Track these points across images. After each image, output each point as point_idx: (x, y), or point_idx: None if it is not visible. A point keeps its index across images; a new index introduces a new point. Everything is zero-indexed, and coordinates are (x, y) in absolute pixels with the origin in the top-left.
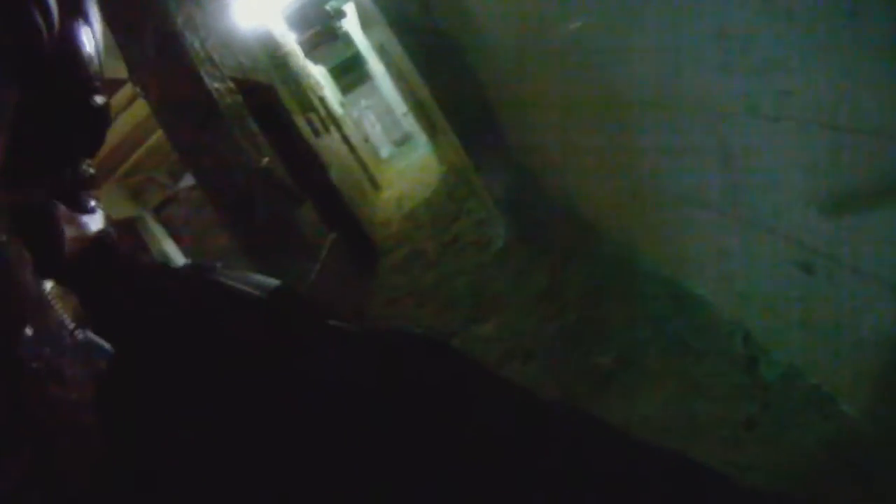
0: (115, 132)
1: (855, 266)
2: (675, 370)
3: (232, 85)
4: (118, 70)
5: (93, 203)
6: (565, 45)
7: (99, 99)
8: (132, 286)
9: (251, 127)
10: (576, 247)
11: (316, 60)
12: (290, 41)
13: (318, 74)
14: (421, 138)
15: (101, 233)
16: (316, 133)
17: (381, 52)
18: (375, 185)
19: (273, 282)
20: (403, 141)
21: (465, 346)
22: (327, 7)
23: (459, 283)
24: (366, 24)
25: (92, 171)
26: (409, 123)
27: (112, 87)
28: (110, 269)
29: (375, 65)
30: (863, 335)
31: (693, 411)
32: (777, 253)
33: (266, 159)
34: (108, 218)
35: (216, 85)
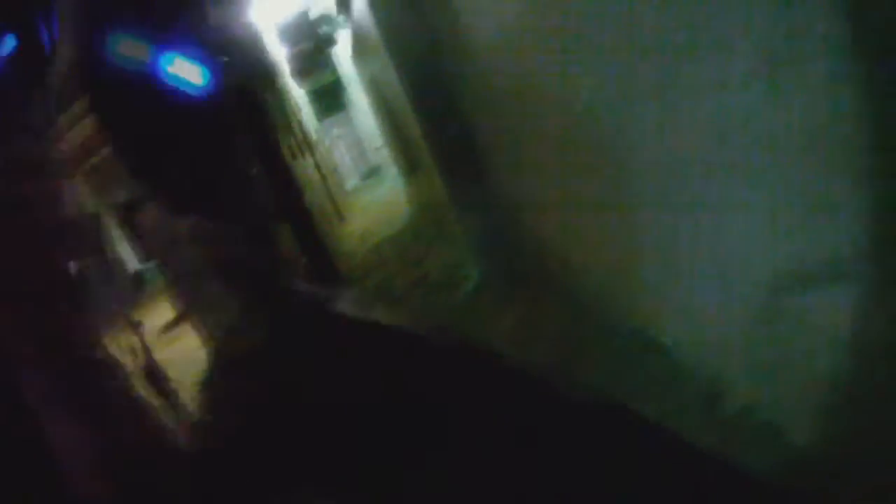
0: (87, 125)
1: (803, 319)
2: (642, 409)
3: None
4: None
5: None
6: (561, 97)
7: None
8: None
9: (243, 136)
10: (547, 292)
11: (300, 80)
12: (279, 55)
13: (300, 95)
14: (389, 175)
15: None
16: (293, 156)
17: (371, 83)
18: (340, 215)
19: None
20: (370, 175)
21: None
22: (320, 31)
23: (427, 323)
24: (359, 53)
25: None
26: (379, 158)
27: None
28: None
29: (355, 95)
30: (807, 377)
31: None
32: (738, 304)
33: (255, 170)
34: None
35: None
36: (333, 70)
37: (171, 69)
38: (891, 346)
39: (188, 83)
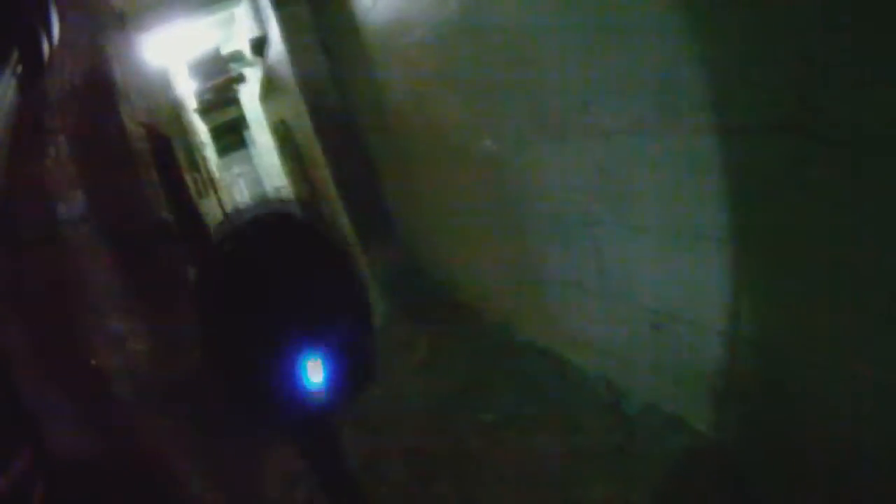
0: None
1: (692, 320)
2: (553, 419)
3: (142, 130)
4: None
5: None
6: (463, 143)
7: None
8: None
9: (153, 177)
10: (457, 323)
11: (205, 117)
12: (186, 92)
13: (204, 132)
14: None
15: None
16: (199, 194)
17: (279, 124)
18: None
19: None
20: None
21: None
22: (231, 68)
23: None
24: (268, 93)
25: None
26: (279, 196)
27: None
28: None
29: (257, 133)
30: (700, 369)
31: (574, 446)
32: (632, 318)
33: (166, 214)
34: None
35: (132, 126)
36: (238, 108)
37: None
38: (757, 342)
39: None
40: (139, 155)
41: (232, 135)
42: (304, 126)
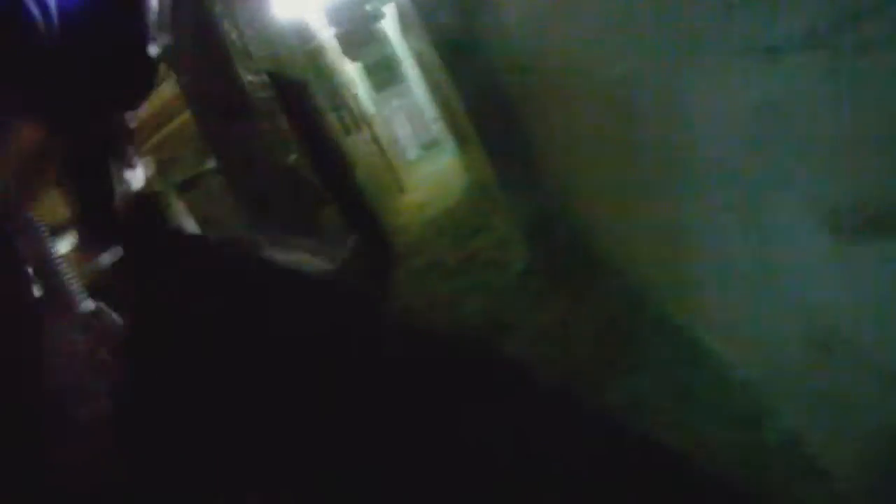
0: (146, 107)
1: (872, 357)
2: (679, 420)
3: (266, 79)
4: None
5: (135, 158)
6: (614, 82)
7: (152, 49)
8: (174, 247)
9: (281, 123)
10: (595, 281)
11: (351, 57)
12: (327, 35)
13: (353, 71)
14: (448, 144)
15: (143, 195)
16: (346, 131)
17: (419, 57)
18: (400, 187)
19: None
20: (431, 145)
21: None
22: (367, 7)
23: (475, 301)
24: (405, 28)
25: (134, 124)
26: (439, 129)
27: None
28: (154, 227)
29: (410, 67)
30: (868, 420)
31: (691, 469)
32: (797, 327)
33: (293, 157)
34: (147, 175)
35: (250, 78)
36: (385, 44)
37: None
38: None
39: None
40: (260, 104)
41: (385, 71)
42: (432, 54)
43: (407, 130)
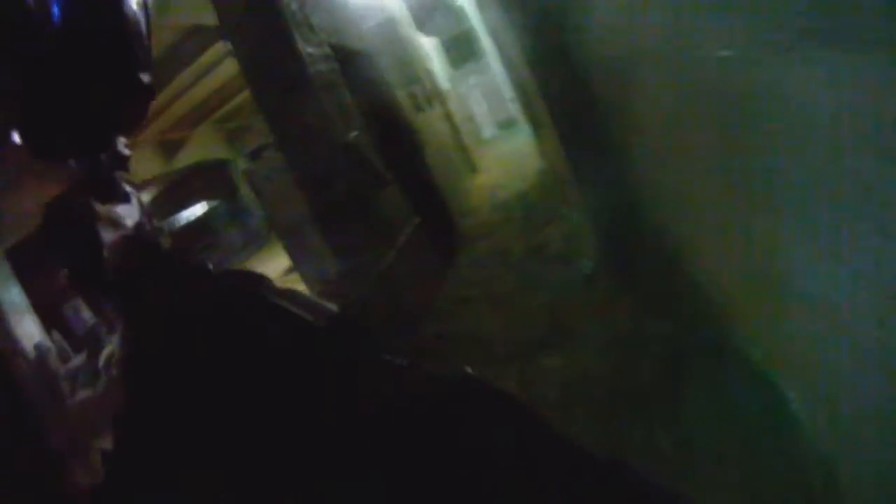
0: (216, 77)
1: None
2: (739, 472)
3: (328, 51)
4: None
5: (126, 188)
6: (713, 72)
7: (145, 77)
8: (172, 293)
9: (343, 97)
10: (669, 295)
11: (427, 32)
12: (398, 8)
13: (429, 46)
14: (525, 124)
15: (138, 230)
16: (418, 108)
17: (494, 34)
18: (472, 167)
19: (332, 308)
20: (508, 124)
21: (526, 375)
22: None
23: (538, 297)
24: (481, 3)
25: (127, 151)
26: (516, 108)
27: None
28: (149, 272)
29: (488, 43)
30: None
31: None
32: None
33: (354, 133)
34: (141, 203)
35: (310, 49)
36: (463, 19)
37: None
38: None
39: None
40: (320, 77)
41: (462, 46)
42: (507, 32)
43: (483, 108)
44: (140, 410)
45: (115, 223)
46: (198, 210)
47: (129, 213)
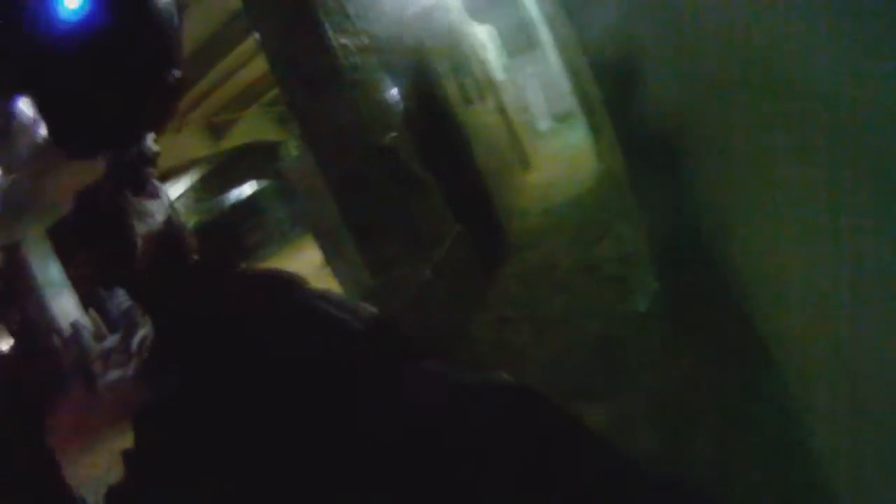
0: (265, 60)
1: None
2: None
3: (366, 41)
4: None
5: (156, 184)
6: (814, 86)
7: (175, 72)
8: (201, 293)
9: (381, 93)
10: (739, 353)
11: (481, 19)
12: None
13: (483, 34)
14: (583, 118)
15: (167, 226)
16: (467, 101)
17: (551, 23)
18: (525, 163)
19: (370, 311)
20: (565, 117)
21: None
22: None
23: (586, 329)
24: None
25: (156, 148)
26: (574, 100)
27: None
28: (178, 270)
29: (546, 33)
30: None
31: None
32: None
33: (392, 134)
34: (168, 201)
35: (344, 41)
36: (520, 7)
37: None
38: None
39: None
40: (355, 71)
41: (519, 35)
42: (565, 24)
43: (540, 99)
44: (164, 412)
45: (146, 217)
46: (246, 190)
47: (158, 209)
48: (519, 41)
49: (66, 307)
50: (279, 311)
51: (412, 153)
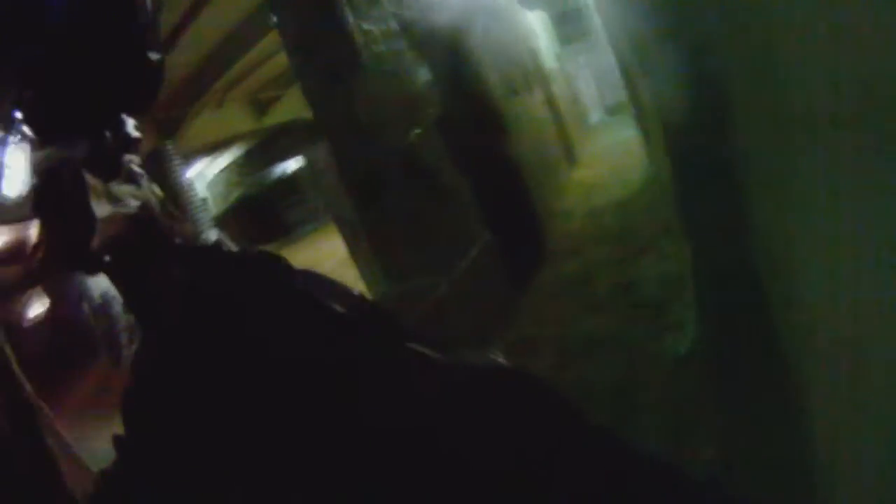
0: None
1: None
2: None
3: (394, 27)
4: None
5: (135, 168)
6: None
7: (154, 55)
8: (175, 275)
9: (409, 85)
10: (784, 399)
11: (531, 5)
12: None
13: (534, 21)
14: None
15: (141, 211)
16: (512, 92)
17: (605, 11)
18: (572, 158)
19: (357, 294)
20: (617, 110)
21: None
22: None
23: (613, 364)
24: None
25: (137, 133)
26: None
27: None
28: (153, 254)
29: (599, 20)
30: None
31: None
32: None
33: (417, 131)
34: (152, 187)
35: (368, 26)
36: None
37: None
38: None
39: None
40: (379, 60)
41: (573, 23)
42: (623, 20)
43: (591, 90)
44: (149, 398)
45: (116, 199)
46: (291, 166)
47: (133, 193)
48: (572, 29)
49: (98, 277)
50: (265, 293)
51: (441, 152)
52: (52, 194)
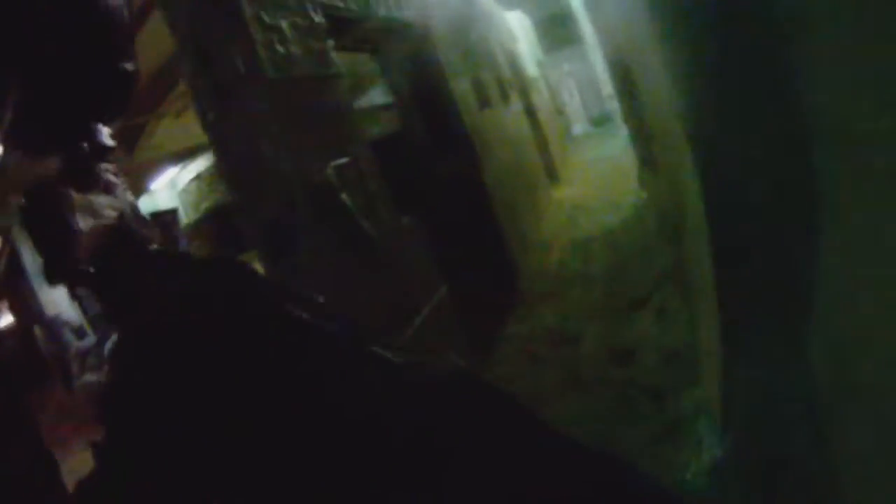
0: None
1: None
2: None
3: (320, 20)
4: None
5: (111, 178)
6: None
7: (129, 65)
8: (153, 283)
9: (332, 100)
10: None
11: (514, 7)
12: None
13: (516, 24)
14: (623, 128)
15: (119, 221)
16: (483, 103)
17: (596, 19)
18: (553, 175)
19: (319, 300)
20: (602, 121)
21: None
22: None
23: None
24: None
25: (111, 142)
26: (614, 104)
27: None
28: (129, 263)
29: (587, 27)
30: None
31: None
32: None
33: (336, 163)
34: (127, 194)
35: (278, 21)
36: None
37: None
38: None
39: None
40: (290, 67)
41: (559, 28)
42: (629, 25)
43: (575, 100)
44: (127, 404)
45: (95, 213)
46: None
47: (111, 204)
48: (556, 35)
49: (53, 298)
50: (236, 299)
51: (380, 186)
52: (34, 212)
